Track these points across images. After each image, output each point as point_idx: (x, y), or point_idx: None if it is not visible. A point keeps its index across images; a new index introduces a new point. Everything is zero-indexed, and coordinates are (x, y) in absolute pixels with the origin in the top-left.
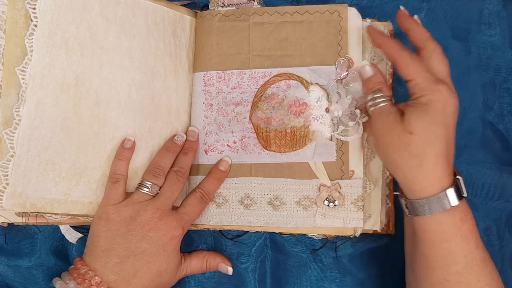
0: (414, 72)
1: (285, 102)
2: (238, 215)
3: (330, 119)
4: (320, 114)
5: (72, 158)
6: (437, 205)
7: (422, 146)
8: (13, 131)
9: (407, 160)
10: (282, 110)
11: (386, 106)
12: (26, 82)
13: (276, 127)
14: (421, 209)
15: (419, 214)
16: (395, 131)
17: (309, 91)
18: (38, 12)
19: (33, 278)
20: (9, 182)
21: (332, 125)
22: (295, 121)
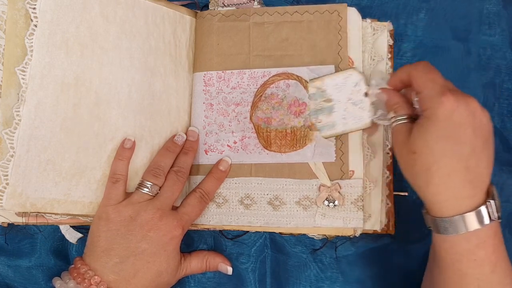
0: (423, 83)
1: (285, 102)
2: (238, 215)
3: (370, 103)
4: (359, 99)
5: (72, 158)
6: (451, 227)
7: (426, 166)
8: (13, 131)
9: (415, 180)
10: (282, 110)
11: (398, 126)
12: (26, 82)
13: (276, 127)
14: (434, 227)
15: (434, 230)
16: (402, 151)
17: (347, 75)
18: (38, 12)
19: (33, 278)
20: (9, 182)
21: (371, 109)
22: (295, 121)
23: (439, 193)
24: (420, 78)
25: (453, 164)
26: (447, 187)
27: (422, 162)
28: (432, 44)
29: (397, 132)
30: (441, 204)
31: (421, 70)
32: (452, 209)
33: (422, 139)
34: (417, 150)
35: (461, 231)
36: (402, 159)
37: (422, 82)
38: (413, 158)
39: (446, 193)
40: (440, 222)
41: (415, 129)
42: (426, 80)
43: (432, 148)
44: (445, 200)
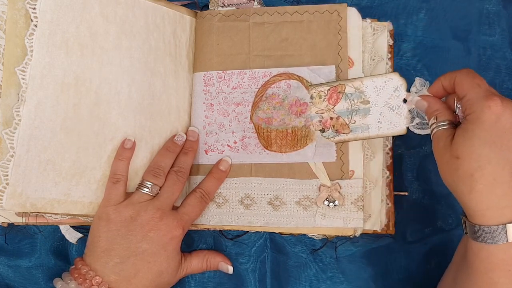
0: (468, 87)
1: (286, 102)
2: (238, 215)
3: (408, 110)
4: (397, 104)
5: (72, 158)
6: (490, 237)
7: (470, 172)
8: (13, 131)
9: (457, 186)
10: (282, 110)
11: (440, 132)
12: (26, 82)
13: (277, 127)
14: (472, 234)
15: (472, 237)
16: (444, 157)
17: (388, 79)
18: (38, 12)
19: (33, 278)
20: (9, 182)
21: (408, 116)
22: (296, 121)
23: (482, 201)
24: (465, 82)
25: (498, 171)
26: (490, 194)
27: (465, 168)
28: (432, 44)
29: (438, 138)
30: (483, 212)
31: (465, 75)
32: (494, 218)
33: (466, 144)
34: (461, 155)
35: (501, 241)
36: (444, 165)
37: (467, 86)
38: (457, 163)
39: (489, 201)
40: (480, 230)
41: (459, 133)
42: (472, 84)
43: (477, 153)
44: (488, 209)
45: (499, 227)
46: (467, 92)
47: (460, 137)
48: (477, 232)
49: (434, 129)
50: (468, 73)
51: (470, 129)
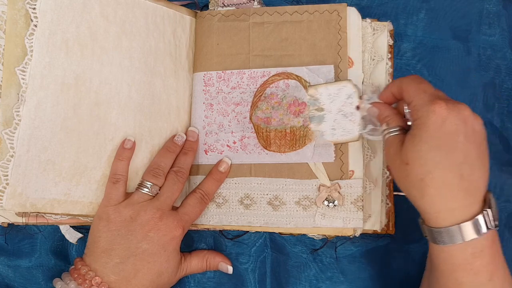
0: (414, 92)
1: (284, 102)
2: (238, 215)
3: (360, 116)
4: (350, 112)
5: (72, 158)
6: (447, 238)
7: (420, 177)
8: (13, 131)
9: (410, 191)
10: (281, 110)
11: (390, 138)
12: (26, 82)
13: (276, 127)
14: (431, 237)
15: (431, 241)
16: (395, 163)
17: (341, 87)
18: (38, 12)
19: (33, 278)
20: (9, 182)
21: (361, 123)
22: (295, 121)
23: (434, 204)
24: (410, 88)
25: (447, 174)
26: (442, 197)
27: (415, 173)
28: (432, 44)
29: (389, 144)
30: (436, 214)
31: (411, 81)
32: (448, 219)
33: (414, 150)
34: (410, 161)
35: (457, 241)
36: (395, 171)
37: (413, 92)
38: (406, 169)
39: (441, 203)
40: (437, 232)
41: (407, 139)
42: (417, 90)
43: (425, 158)
44: (441, 211)
45: (454, 227)
46: (413, 98)
47: (409, 143)
48: (434, 234)
49: (386, 135)
50: (414, 79)
51: (417, 134)
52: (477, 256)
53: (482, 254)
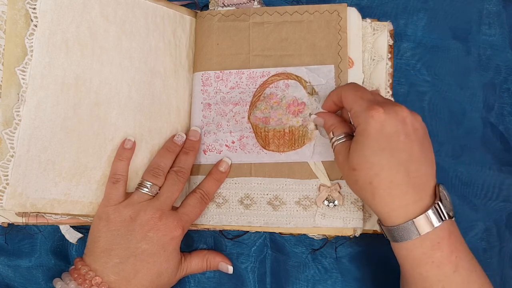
0: (352, 100)
1: (284, 102)
2: (238, 215)
3: (314, 124)
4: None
5: (72, 158)
6: (404, 234)
7: (369, 180)
8: (13, 131)
9: (361, 194)
10: (280, 109)
11: (338, 146)
12: (26, 82)
13: (274, 126)
14: (390, 236)
15: (390, 240)
16: (344, 169)
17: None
18: (38, 12)
19: (33, 278)
20: (9, 182)
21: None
22: (294, 120)
23: (386, 204)
24: (349, 96)
25: (393, 174)
26: (391, 196)
27: (363, 177)
28: (432, 44)
29: (337, 152)
30: (389, 213)
31: (349, 89)
32: (401, 217)
33: (359, 155)
34: (357, 167)
35: (414, 236)
36: (346, 177)
37: (351, 99)
38: (355, 174)
39: (392, 202)
40: (393, 230)
41: (352, 147)
42: (355, 97)
43: (371, 162)
44: (393, 209)
45: (408, 223)
46: (352, 106)
47: (353, 150)
48: (392, 233)
49: (334, 143)
50: (351, 87)
51: (359, 140)
52: (435, 249)
53: (440, 245)
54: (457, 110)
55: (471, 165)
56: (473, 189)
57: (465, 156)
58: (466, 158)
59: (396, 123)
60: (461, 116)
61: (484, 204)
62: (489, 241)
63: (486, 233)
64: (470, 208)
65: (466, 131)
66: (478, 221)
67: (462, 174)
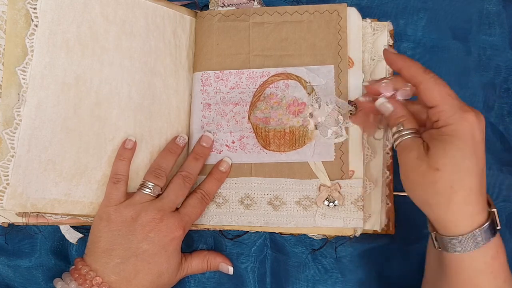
0: (440, 97)
1: (284, 102)
2: (238, 215)
3: (313, 124)
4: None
5: (73, 158)
6: (469, 244)
7: (450, 184)
8: (13, 131)
9: (434, 198)
10: (280, 109)
11: (408, 141)
12: (27, 82)
13: (275, 126)
14: (451, 246)
15: (450, 250)
16: (420, 168)
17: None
18: (38, 12)
19: (33, 278)
20: (9, 182)
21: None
22: (294, 120)
23: (460, 211)
24: (436, 91)
25: (474, 181)
26: (467, 204)
27: (445, 180)
28: (432, 44)
29: (409, 148)
30: (461, 221)
31: (434, 84)
32: (470, 225)
33: (447, 156)
34: (442, 167)
35: (479, 245)
36: (419, 176)
37: (437, 95)
38: (436, 175)
39: (466, 209)
40: (460, 240)
41: (436, 145)
42: (445, 94)
43: (458, 165)
44: (465, 217)
45: (476, 232)
46: (439, 103)
47: (440, 149)
48: (456, 243)
49: (404, 136)
50: (437, 80)
51: (449, 141)
52: (495, 258)
53: (499, 254)
54: None
55: None
56: None
57: None
58: None
59: (482, 130)
60: None
61: None
62: None
63: None
64: None
65: None
66: None
67: None
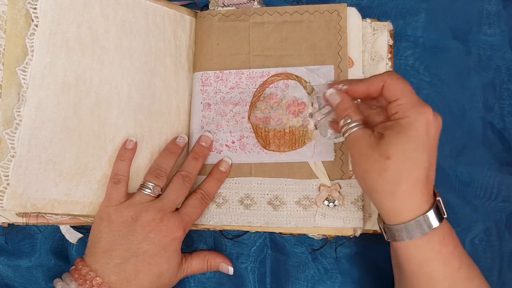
0: (402, 92)
1: (284, 102)
2: (238, 215)
3: (313, 124)
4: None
5: (73, 158)
6: (415, 231)
7: (399, 173)
8: (14, 131)
9: (382, 186)
10: (280, 109)
11: (358, 131)
12: (27, 82)
13: (274, 126)
14: (399, 235)
15: (397, 239)
16: (371, 156)
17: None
18: (39, 12)
19: (33, 278)
20: (10, 182)
21: (322, 130)
22: (294, 120)
23: (405, 200)
24: (398, 87)
25: (421, 173)
26: (412, 194)
27: (394, 168)
28: (431, 44)
29: (360, 137)
30: (405, 210)
31: (398, 80)
32: (414, 213)
33: (399, 146)
34: (392, 156)
35: (424, 232)
36: (370, 164)
37: (400, 90)
38: (386, 163)
39: (411, 200)
40: (406, 227)
41: (390, 135)
42: (405, 89)
43: (409, 156)
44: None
45: (420, 218)
46: (400, 96)
47: (392, 139)
48: (402, 231)
49: (352, 128)
50: (399, 78)
51: (403, 132)
52: (443, 244)
53: (446, 241)
54: (457, 110)
55: (471, 165)
56: (473, 189)
57: (465, 156)
58: (466, 158)
59: (437, 128)
60: (461, 116)
61: (483, 204)
62: (489, 242)
63: (485, 233)
64: (469, 208)
65: (466, 131)
66: (478, 221)
67: (462, 174)
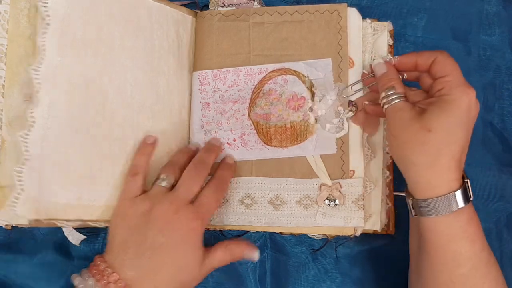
0: (451, 69)
1: (283, 97)
2: (239, 214)
3: (314, 118)
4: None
5: (83, 161)
6: (445, 206)
7: (439, 146)
8: (27, 133)
9: (420, 158)
10: (280, 105)
11: (400, 103)
12: (39, 82)
13: (275, 122)
14: (428, 210)
15: (425, 214)
16: (412, 127)
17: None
18: (50, 10)
19: (34, 277)
20: (23, 187)
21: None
22: (294, 115)
23: (441, 174)
24: (448, 63)
25: (458, 150)
26: (449, 169)
27: (435, 141)
28: (431, 44)
29: (402, 109)
30: (440, 184)
31: (449, 57)
32: (446, 189)
33: (441, 119)
34: (434, 129)
35: (453, 209)
36: (410, 135)
37: (450, 67)
38: (427, 136)
39: (446, 174)
40: (436, 202)
41: (433, 109)
42: (454, 68)
43: (450, 131)
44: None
45: (451, 195)
46: (449, 73)
47: (435, 113)
48: (431, 206)
49: (395, 99)
50: (450, 56)
51: (447, 108)
52: (470, 223)
53: (473, 221)
54: None
55: (471, 165)
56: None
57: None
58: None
59: (477, 110)
60: None
61: (484, 204)
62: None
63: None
64: None
65: None
66: None
67: None
